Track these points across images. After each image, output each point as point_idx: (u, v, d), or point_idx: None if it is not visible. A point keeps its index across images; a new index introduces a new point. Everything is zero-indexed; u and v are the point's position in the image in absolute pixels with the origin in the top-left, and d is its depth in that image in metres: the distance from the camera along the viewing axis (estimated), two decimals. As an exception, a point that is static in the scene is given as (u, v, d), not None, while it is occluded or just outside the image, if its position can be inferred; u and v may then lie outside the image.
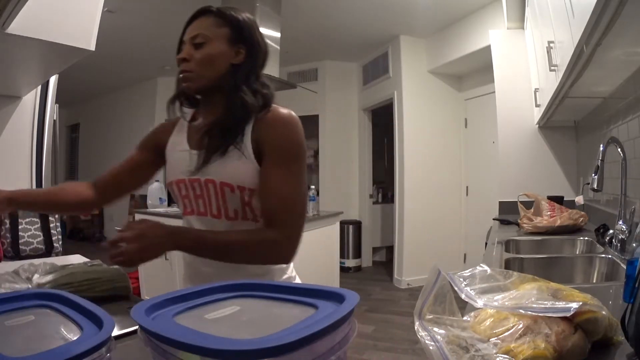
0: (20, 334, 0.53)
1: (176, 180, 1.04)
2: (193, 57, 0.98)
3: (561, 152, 3.12)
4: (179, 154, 1.05)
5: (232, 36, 1.00)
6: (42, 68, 1.83)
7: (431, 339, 0.60)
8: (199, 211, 1.02)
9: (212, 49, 0.98)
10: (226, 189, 0.97)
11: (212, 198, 0.99)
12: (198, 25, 1.00)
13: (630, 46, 1.32)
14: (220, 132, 0.98)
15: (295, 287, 0.61)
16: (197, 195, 1.01)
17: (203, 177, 0.98)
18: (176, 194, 1.05)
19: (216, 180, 0.97)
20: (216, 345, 0.42)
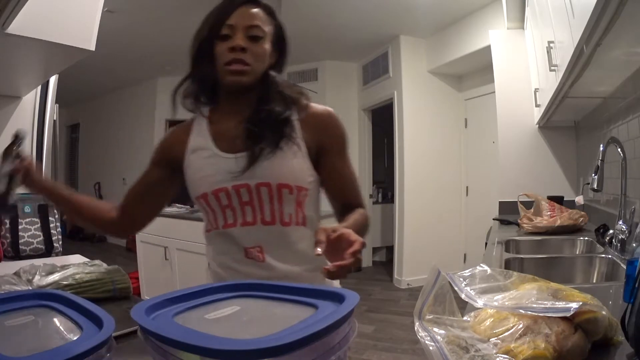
0: (20, 334, 0.53)
1: (213, 190, 0.92)
2: (250, 49, 0.90)
3: (561, 152, 3.12)
4: (208, 161, 0.94)
5: (274, 38, 0.96)
6: (42, 68, 1.83)
7: (431, 339, 0.60)
8: (244, 221, 0.92)
9: (266, 46, 0.93)
10: (284, 191, 0.91)
11: (264, 203, 0.91)
12: (255, 15, 0.91)
13: (630, 46, 1.32)
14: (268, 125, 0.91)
15: (295, 287, 0.61)
16: (243, 202, 0.92)
17: (253, 181, 0.90)
18: (213, 206, 0.93)
19: (272, 182, 0.90)
20: (216, 345, 0.42)
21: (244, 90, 0.93)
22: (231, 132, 0.94)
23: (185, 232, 3.18)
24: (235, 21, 0.90)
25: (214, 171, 0.93)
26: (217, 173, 0.92)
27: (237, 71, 0.89)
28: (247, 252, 0.93)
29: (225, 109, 0.97)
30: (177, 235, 3.24)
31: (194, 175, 0.96)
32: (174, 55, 5.23)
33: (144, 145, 6.35)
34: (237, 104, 0.96)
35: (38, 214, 1.98)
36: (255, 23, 0.91)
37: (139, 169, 1.05)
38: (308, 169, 0.94)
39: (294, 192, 0.92)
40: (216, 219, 0.94)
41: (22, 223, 1.92)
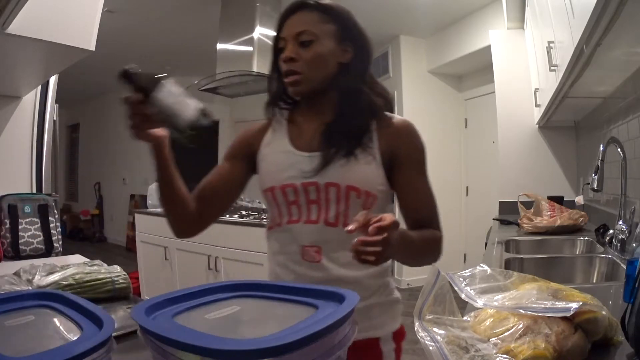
0: (20, 334, 0.53)
1: (282, 185, 0.92)
2: (301, 56, 0.89)
3: (561, 152, 3.12)
4: (281, 156, 0.95)
5: (338, 33, 0.92)
6: (42, 68, 1.83)
7: (431, 340, 0.60)
8: (308, 218, 0.91)
9: (321, 48, 0.90)
10: (352, 194, 0.90)
11: (331, 203, 0.91)
12: (301, 21, 0.91)
13: (630, 46, 1.32)
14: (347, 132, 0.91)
15: (295, 287, 0.61)
16: (310, 200, 0.91)
17: (322, 180, 0.90)
18: (279, 201, 0.94)
19: (341, 184, 0.90)
20: (216, 345, 0.42)
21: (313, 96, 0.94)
22: (309, 132, 0.95)
23: (185, 232, 3.18)
24: (285, 33, 0.92)
25: (285, 166, 0.93)
26: (288, 169, 0.93)
27: (291, 82, 0.91)
28: (303, 253, 0.92)
29: (304, 111, 0.98)
30: (177, 235, 3.24)
31: (265, 167, 0.97)
32: (174, 55, 5.24)
33: (144, 145, 6.34)
34: (315, 106, 0.96)
35: (38, 214, 1.98)
36: (302, 29, 0.90)
37: (139, 169, 1.03)
38: (379, 177, 0.93)
39: (361, 196, 0.90)
40: (280, 214, 0.94)
41: (22, 223, 1.92)
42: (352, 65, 0.94)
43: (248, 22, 3.24)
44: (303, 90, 0.92)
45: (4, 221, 1.90)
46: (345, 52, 0.93)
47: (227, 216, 3.07)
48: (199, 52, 4.64)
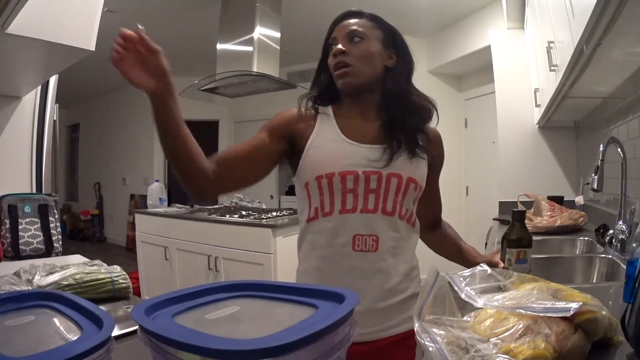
0: (20, 334, 0.53)
1: (342, 172, 0.92)
2: (351, 51, 0.95)
3: (561, 152, 3.12)
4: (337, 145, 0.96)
5: (385, 39, 1.00)
6: (42, 68, 1.83)
7: (431, 340, 0.60)
8: (366, 208, 0.92)
9: (370, 46, 0.97)
10: (411, 185, 0.95)
11: (390, 193, 0.93)
12: (352, 23, 0.98)
13: (630, 46, 1.32)
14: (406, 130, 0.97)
15: (295, 287, 0.61)
16: (369, 189, 0.93)
17: (385, 170, 0.93)
18: (335, 188, 0.93)
19: (403, 174, 0.94)
20: (216, 345, 0.42)
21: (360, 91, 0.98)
22: (359, 127, 0.98)
23: (185, 232, 3.18)
24: (336, 33, 0.99)
25: (344, 155, 0.94)
26: (350, 157, 0.94)
27: (341, 74, 0.95)
28: (355, 243, 0.92)
29: (349, 108, 1.01)
30: (177, 235, 3.24)
31: (319, 155, 0.95)
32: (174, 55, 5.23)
33: (144, 145, 6.36)
34: (358, 104, 1.00)
35: (38, 214, 1.98)
36: (354, 28, 0.97)
37: (139, 169, 1.02)
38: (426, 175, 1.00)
39: (417, 188, 0.96)
40: (332, 203, 0.93)
41: (22, 223, 1.92)
42: (397, 70, 1.00)
43: (248, 22, 3.24)
44: (352, 82, 0.95)
45: (4, 221, 1.90)
46: (390, 57, 1.00)
47: (227, 216, 3.07)
48: (199, 52, 4.64)
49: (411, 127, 0.98)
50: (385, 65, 0.99)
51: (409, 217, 0.97)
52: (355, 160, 0.93)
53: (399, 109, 0.98)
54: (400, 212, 0.95)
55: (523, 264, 1.05)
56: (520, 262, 1.05)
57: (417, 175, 0.97)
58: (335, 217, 0.93)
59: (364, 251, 0.92)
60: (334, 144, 0.96)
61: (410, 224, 0.98)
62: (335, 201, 0.93)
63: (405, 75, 1.01)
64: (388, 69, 0.99)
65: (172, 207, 3.79)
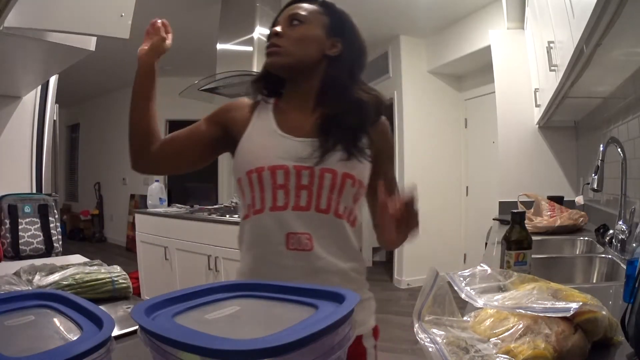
0: (20, 334, 0.53)
1: (271, 166, 0.89)
2: (286, 33, 0.93)
3: (561, 152, 3.12)
4: (269, 137, 0.93)
5: (330, 26, 0.96)
6: (42, 68, 1.83)
7: (431, 341, 0.60)
8: (298, 205, 0.88)
9: (308, 31, 0.94)
10: (348, 181, 0.89)
11: (323, 190, 0.88)
12: (297, 7, 0.96)
13: (630, 46, 1.32)
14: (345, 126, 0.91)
15: (295, 287, 0.61)
16: (301, 185, 0.88)
17: (318, 166, 0.88)
18: (265, 183, 0.89)
19: (338, 170, 0.88)
20: (216, 345, 0.42)
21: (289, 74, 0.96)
22: (295, 120, 0.94)
23: (185, 232, 3.19)
24: (280, 17, 0.97)
25: (276, 148, 0.91)
26: (281, 150, 0.90)
27: (270, 52, 0.93)
28: (289, 242, 0.88)
29: (288, 98, 0.99)
30: (177, 235, 3.24)
31: (252, 147, 0.93)
32: (174, 55, 5.23)
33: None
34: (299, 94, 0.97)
35: (38, 214, 1.98)
36: (295, 12, 0.95)
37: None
38: (368, 172, 0.95)
39: (356, 185, 0.90)
40: (263, 199, 0.89)
41: (22, 223, 1.92)
42: (340, 60, 0.95)
43: (248, 22, 3.24)
44: (277, 61, 0.93)
45: (4, 221, 1.90)
46: (333, 46, 0.96)
47: (227, 216, 3.07)
48: (199, 52, 4.64)
49: (349, 125, 0.91)
50: (327, 53, 0.95)
51: (347, 215, 0.91)
52: (286, 154, 0.89)
53: (336, 102, 0.93)
54: (336, 210, 0.89)
55: (522, 265, 1.04)
56: (520, 263, 1.05)
57: (356, 170, 0.90)
58: (267, 215, 0.89)
59: (298, 250, 0.87)
60: (267, 137, 0.93)
61: (350, 222, 0.92)
62: (265, 197, 0.89)
63: (349, 67, 0.96)
64: (330, 58, 0.95)
65: (172, 207, 3.80)
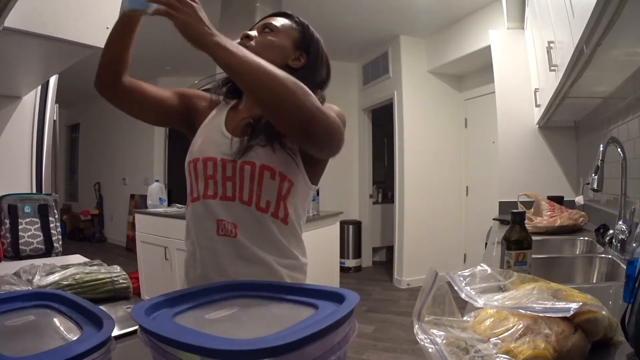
0: (20, 334, 0.53)
1: (204, 157, 0.97)
2: (256, 38, 0.99)
3: (561, 152, 3.12)
4: (212, 134, 1.00)
5: (299, 40, 1.02)
6: (42, 68, 1.83)
7: (431, 342, 0.60)
8: (224, 195, 0.94)
9: (276, 39, 1.00)
10: (266, 173, 0.93)
11: (245, 182, 0.93)
12: (274, 18, 1.03)
13: (630, 46, 1.32)
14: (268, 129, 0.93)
15: (295, 287, 0.61)
16: (226, 177, 0.94)
17: (240, 159, 0.93)
18: (199, 173, 0.97)
19: (256, 162, 0.93)
20: (216, 345, 0.42)
21: None
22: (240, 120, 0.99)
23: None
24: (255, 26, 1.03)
25: (211, 142, 0.98)
26: (213, 145, 0.97)
27: None
28: (219, 228, 0.94)
29: (244, 103, 1.05)
30: (177, 235, 3.24)
31: (197, 140, 1.01)
32: (174, 55, 5.23)
33: (144, 145, 6.36)
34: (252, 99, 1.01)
35: (38, 214, 1.98)
36: (269, 22, 1.01)
37: (139, 169, 1.05)
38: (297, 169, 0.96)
39: (275, 177, 0.93)
40: (198, 187, 0.97)
41: (22, 223, 1.92)
42: (299, 73, 0.97)
43: (248, 22, 3.22)
44: None
45: (4, 221, 1.90)
46: (297, 59, 1.02)
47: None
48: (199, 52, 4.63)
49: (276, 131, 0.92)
50: (289, 64, 1.00)
51: (273, 210, 0.94)
52: (220, 148, 0.96)
53: None
54: (257, 203, 0.93)
55: (522, 265, 1.04)
56: (520, 263, 1.05)
57: (276, 163, 0.93)
58: (201, 203, 0.96)
59: (227, 236, 0.93)
60: (211, 133, 1.00)
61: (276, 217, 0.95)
62: (199, 186, 0.97)
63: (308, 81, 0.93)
64: (291, 69, 0.98)
65: (172, 207, 3.79)
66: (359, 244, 5.34)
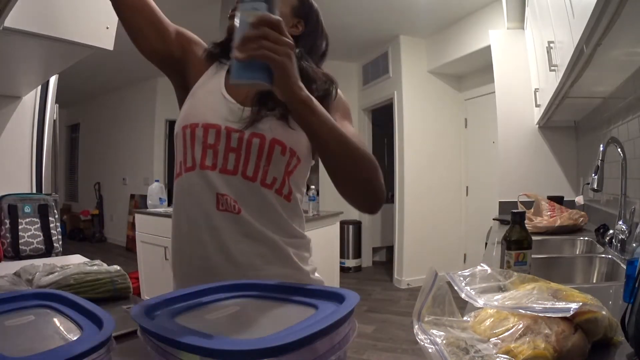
0: (20, 334, 0.53)
1: (205, 123, 0.88)
2: None
3: (561, 152, 3.12)
4: (212, 97, 0.92)
5: (297, 8, 0.98)
6: (42, 68, 1.83)
7: (431, 342, 0.60)
8: (225, 168, 0.86)
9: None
10: (277, 148, 0.86)
11: (251, 156, 0.86)
12: None
13: (630, 46, 1.32)
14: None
15: (295, 287, 0.61)
16: (230, 148, 0.86)
17: (249, 130, 0.86)
18: (197, 140, 0.88)
19: (267, 136, 0.86)
20: (216, 345, 0.42)
21: None
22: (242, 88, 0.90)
23: (185, 232, 3.18)
24: None
25: (215, 107, 0.90)
26: (218, 111, 0.89)
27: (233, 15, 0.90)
28: (219, 202, 0.86)
29: None
30: (177, 235, 3.24)
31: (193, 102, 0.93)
32: (174, 55, 5.23)
33: (144, 145, 6.36)
34: None
35: (38, 214, 1.98)
36: None
37: (139, 169, 1.03)
38: (306, 144, 0.91)
39: (286, 153, 0.87)
40: (194, 157, 0.88)
41: (22, 223, 1.92)
42: (298, 40, 0.95)
43: (248, 22, 3.23)
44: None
45: (4, 221, 1.90)
46: (294, 27, 0.97)
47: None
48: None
49: None
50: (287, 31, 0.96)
51: (278, 187, 0.88)
52: (223, 115, 0.88)
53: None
54: (263, 179, 0.86)
55: (522, 265, 1.04)
56: (520, 263, 1.05)
57: (287, 139, 0.87)
58: (197, 173, 0.87)
59: (228, 211, 0.86)
60: (210, 95, 0.92)
61: (280, 195, 0.89)
62: (196, 155, 0.87)
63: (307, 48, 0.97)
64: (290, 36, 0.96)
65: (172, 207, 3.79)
66: (359, 244, 5.34)
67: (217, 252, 0.87)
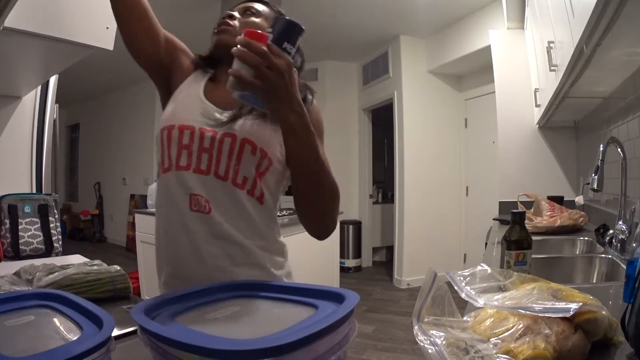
0: (20, 334, 0.53)
1: (180, 124, 0.90)
2: (239, 19, 0.99)
3: (561, 152, 3.12)
4: (191, 101, 0.95)
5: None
6: (42, 68, 1.83)
7: (430, 343, 0.60)
8: (198, 167, 0.88)
9: (258, 21, 1.00)
10: (247, 147, 0.88)
11: (223, 155, 0.88)
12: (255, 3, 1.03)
13: (630, 46, 1.32)
14: None
15: (295, 287, 0.61)
16: (203, 148, 0.89)
17: (221, 130, 0.89)
18: (173, 141, 0.91)
19: (238, 135, 0.88)
20: (216, 345, 0.42)
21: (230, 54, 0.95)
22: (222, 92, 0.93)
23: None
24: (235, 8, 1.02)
25: (190, 110, 0.93)
26: (193, 113, 0.92)
27: (221, 30, 0.97)
28: (192, 202, 0.88)
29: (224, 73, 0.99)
30: (177, 235, 3.24)
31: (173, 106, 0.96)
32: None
33: (144, 145, 6.35)
34: None
35: (38, 214, 1.98)
36: (250, 5, 1.01)
37: (139, 169, 1.04)
38: (280, 147, 0.92)
39: (256, 153, 0.88)
40: (170, 157, 0.91)
41: (22, 223, 1.92)
42: None
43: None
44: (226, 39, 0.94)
45: (4, 221, 1.90)
46: None
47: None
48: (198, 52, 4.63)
49: None
50: None
51: (249, 188, 0.89)
52: (198, 117, 0.91)
53: None
54: (234, 179, 0.88)
55: (522, 265, 1.04)
56: (520, 263, 1.05)
57: (259, 139, 0.89)
58: (173, 174, 0.90)
59: (200, 211, 0.87)
60: (189, 99, 0.95)
61: (251, 195, 0.90)
62: (172, 156, 0.90)
63: None
64: None
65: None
66: (359, 244, 5.34)
67: (190, 253, 0.88)
